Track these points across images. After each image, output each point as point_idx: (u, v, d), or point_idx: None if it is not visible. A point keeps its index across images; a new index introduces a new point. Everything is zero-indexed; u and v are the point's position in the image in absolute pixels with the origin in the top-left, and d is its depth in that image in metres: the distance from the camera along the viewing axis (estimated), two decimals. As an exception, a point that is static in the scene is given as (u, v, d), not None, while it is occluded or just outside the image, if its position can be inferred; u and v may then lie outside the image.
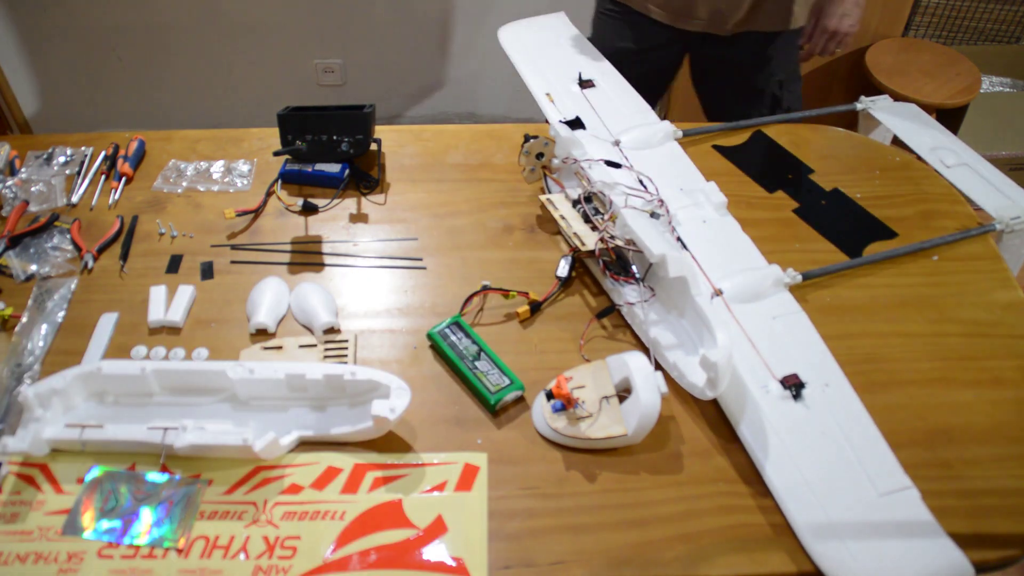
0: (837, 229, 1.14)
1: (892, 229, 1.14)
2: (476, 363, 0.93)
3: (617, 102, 1.31)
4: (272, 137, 1.32)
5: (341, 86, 2.67)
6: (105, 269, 1.08)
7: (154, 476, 0.84)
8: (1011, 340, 0.99)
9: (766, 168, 1.23)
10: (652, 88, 1.34)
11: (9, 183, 1.20)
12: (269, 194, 1.20)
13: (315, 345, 0.97)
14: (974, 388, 0.93)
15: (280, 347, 0.96)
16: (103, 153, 1.26)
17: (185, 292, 1.03)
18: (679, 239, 1.07)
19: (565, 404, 0.86)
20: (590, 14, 2.53)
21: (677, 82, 1.92)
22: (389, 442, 0.87)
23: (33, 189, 1.19)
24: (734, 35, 1.45)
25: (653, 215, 1.06)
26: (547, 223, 1.16)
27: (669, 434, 0.88)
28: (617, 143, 1.23)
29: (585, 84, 1.34)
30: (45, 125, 2.71)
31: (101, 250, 1.10)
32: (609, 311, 1.02)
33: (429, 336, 0.97)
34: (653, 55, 1.52)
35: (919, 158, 1.29)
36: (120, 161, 1.23)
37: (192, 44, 2.53)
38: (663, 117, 1.28)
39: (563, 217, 1.08)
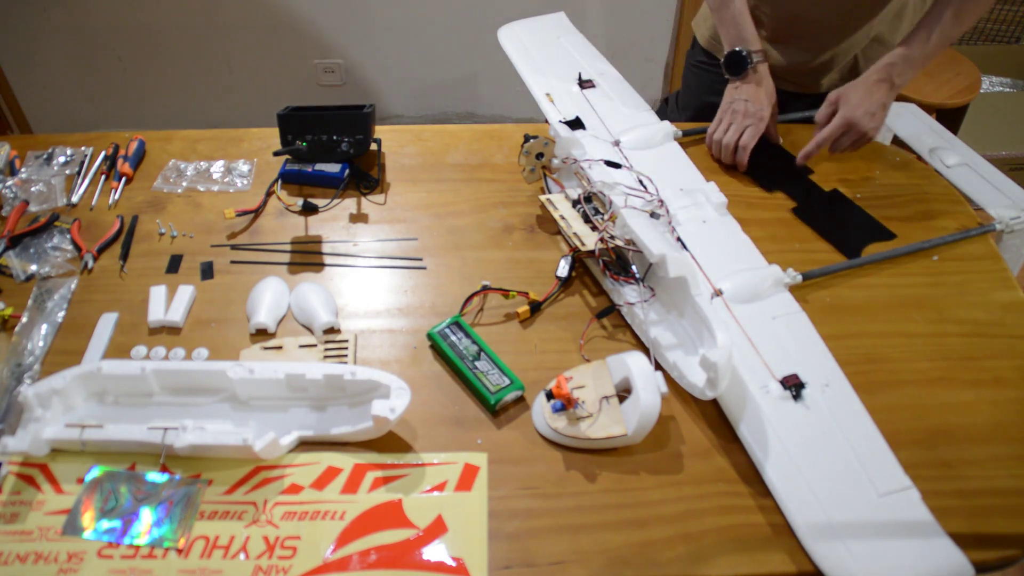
0: (836, 230, 1.14)
1: (891, 231, 1.14)
2: (476, 363, 0.93)
3: (617, 102, 1.31)
4: (272, 137, 1.32)
5: (341, 86, 2.67)
6: (105, 269, 1.08)
7: (154, 476, 0.84)
8: (1011, 340, 0.99)
9: (766, 168, 1.23)
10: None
11: (9, 183, 1.20)
12: (269, 194, 1.20)
13: (315, 345, 0.97)
14: (974, 388, 0.93)
15: (280, 347, 0.96)
16: (103, 153, 1.26)
17: (185, 292, 1.03)
18: (679, 239, 1.07)
19: (565, 404, 0.86)
20: (590, 14, 2.54)
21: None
22: (389, 442, 0.87)
23: (33, 189, 1.19)
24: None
25: (653, 215, 1.06)
26: (547, 223, 1.16)
27: (669, 434, 0.88)
28: (617, 143, 1.23)
29: (585, 84, 1.34)
30: (45, 125, 2.71)
31: (101, 250, 1.10)
32: (609, 311, 1.02)
33: (429, 336, 0.97)
34: None
35: (919, 158, 1.29)
36: (120, 161, 1.23)
37: (192, 44, 2.53)
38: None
39: (563, 217, 1.08)
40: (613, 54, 1.42)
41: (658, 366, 0.93)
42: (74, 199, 1.19)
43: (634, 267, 1.01)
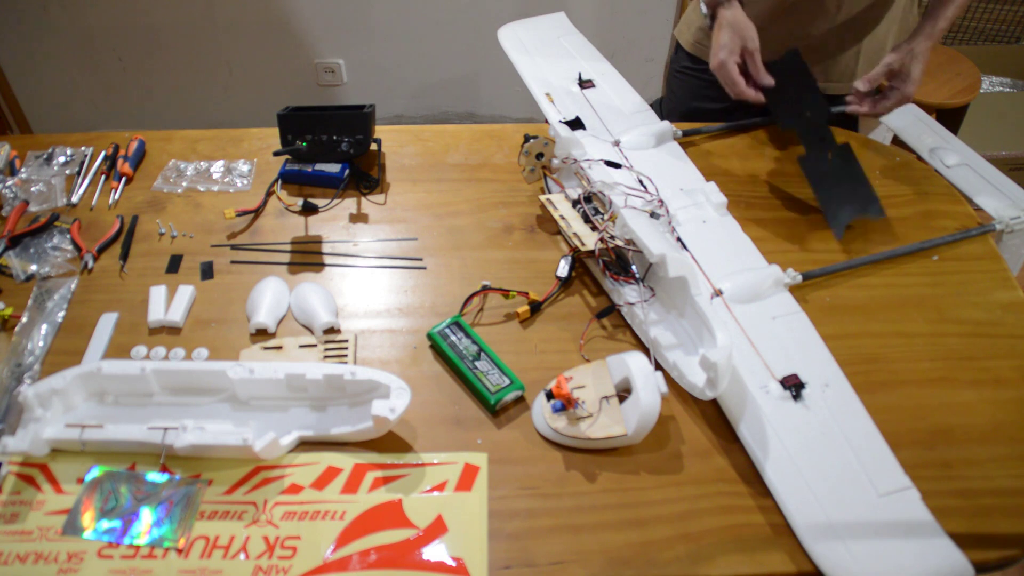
0: (830, 191, 1.13)
1: (883, 209, 1.13)
2: (476, 363, 0.93)
3: (617, 102, 1.31)
4: (272, 137, 1.32)
5: (341, 86, 2.67)
6: (105, 269, 1.08)
7: (154, 476, 0.84)
8: (1011, 340, 0.99)
9: (789, 96, 1.18)
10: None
11: (9, 183, 1.20)
12: (269, 194, 1.20)
13: (315, 345, 0.97)
14: (974, 388, 0.93)
15: (280, 347, 0.96)
16: (103, 153, 1.26)
17: (185, 292, 1.03)
18: (679, 239, 1.07)
19: (565, 404, 0.86)
20: (590, 14, 2.54)
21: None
22: (389, 442, 0.87)
23: (33, 189, 1.19)
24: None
25: (653, 215, 1.06)
26: (547, 223, 1.16)
27: (669, 434, 0.88)
28: (617, 143, 1.23)
29: (585, 84, 1.34)
30: (45, 125, 2.71)
31: (101, 250, 1.10)
32: (609, 311, 1.02)
33: (429, 336, 0.97)
34: (735, 114, 1.39)
35: (919, 158, 1.29)
36: (120, 161, 1.23)
37: (192, 44, 2.53)
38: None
39: (563, 217, 1.08)
40: (613, 54, 1.42)
41: (658, 366, 0.93)
42: (74, 199, 1.19)
43: (634, 267, 1.01)
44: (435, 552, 0.77)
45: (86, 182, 1.22)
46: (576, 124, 1.25)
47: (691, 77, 1.44)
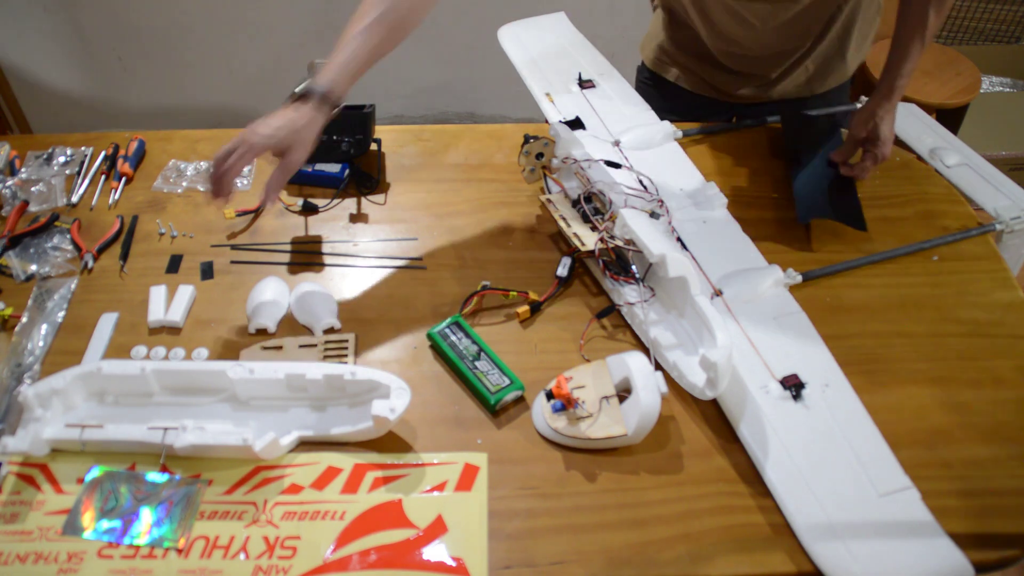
0: (812, 185, 1.15)
1: (864, 223, 1.12)
2: (476, 363, 0.93)
3: (617, 102, 1.31)
4: (272, 137, 1.32)
5: (341, 86, 2.67)
6: (105, 269, 1.08)
7: (154, 476, 0.84)
8: (1011, 340, 0.99)
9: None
10: None
11: (9, 183, 1.20)
12: (269, 194, 1.20)
13: (315, 345, 0.97)
14: (974, 388, 0.93)
15: (280, 347, 0.96)
16: (103, 153, 1.26)
17: (185, 292, 1.03)
18: (679, 239, 1.07)
19: (565, 404, 0.86)
20: (590, 14, 2.54)
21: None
22: (389, 442, 0.87)
23: (33, 189, 1.19)
24: (780, 100, 1.36)
25: (653, 215, 1.06)
26: (547, 223, 1.16)
27: (669, 434, 0.88)
28: (617, 143, 1.23)
29: (585, 84, 1.34)
30: (45, 125, 2.71)
31: (101, 250, 1.10)
32: (609, 311, 1.02)
33: (429, 336, 0.97)
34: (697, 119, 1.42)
35: (919, 158, 1.29)
36: (120, 161, 1.23)
37: (192, 44, 2.53)
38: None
39: (563, 217, 1.08)
40: (613, 54, 1.42)
41: (658, 366, 0.93)
42: (74, 199, 1.19)
43: (634, 267, 1.01)
44: (435, 552, 0.77)
45: (86, 182, 1.22)
46: (576, 124, 1.25)
47: (653, 89, 1.44)
